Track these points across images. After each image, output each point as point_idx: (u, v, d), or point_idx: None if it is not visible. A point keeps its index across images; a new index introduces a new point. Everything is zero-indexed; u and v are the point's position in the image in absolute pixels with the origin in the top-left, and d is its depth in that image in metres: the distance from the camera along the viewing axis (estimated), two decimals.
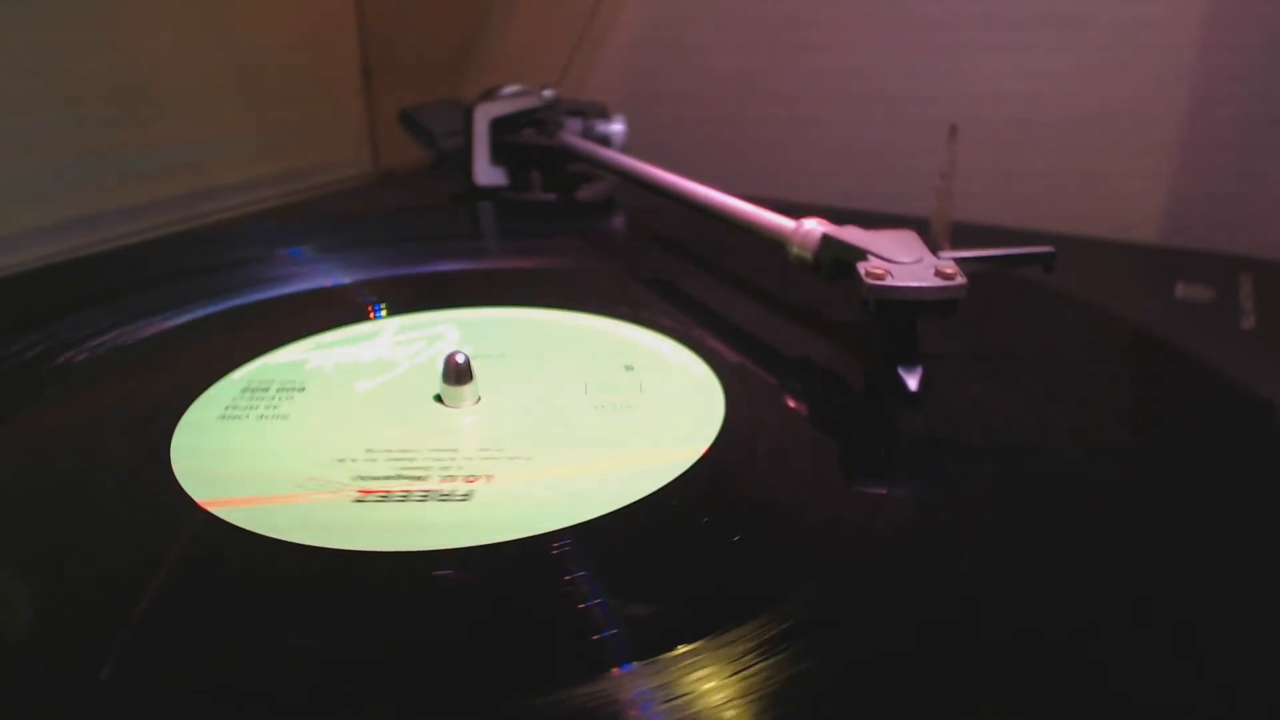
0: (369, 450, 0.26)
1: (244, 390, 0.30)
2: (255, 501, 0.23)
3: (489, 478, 0.25)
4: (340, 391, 0.30)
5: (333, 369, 0.31)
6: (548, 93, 0.55)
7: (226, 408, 0.28)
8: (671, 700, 0.17)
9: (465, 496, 0.24)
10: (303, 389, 0.30)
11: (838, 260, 0.31)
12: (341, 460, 0.26)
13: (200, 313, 0.36)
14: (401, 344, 0.33)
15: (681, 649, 0.18)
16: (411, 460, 0.25)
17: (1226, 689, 0.17)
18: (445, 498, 0.24)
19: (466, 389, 0.29)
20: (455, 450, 0.26)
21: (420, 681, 0.18)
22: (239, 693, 0.17)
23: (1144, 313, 0.37)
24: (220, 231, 0.53)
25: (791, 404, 0.30)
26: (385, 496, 0.24)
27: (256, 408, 0.28)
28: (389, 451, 0.26)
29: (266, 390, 0.29)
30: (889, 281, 0.28)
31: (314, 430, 0.27)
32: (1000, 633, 0.19)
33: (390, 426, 0.28)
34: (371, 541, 0.22)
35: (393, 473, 0.25)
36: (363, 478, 0.25)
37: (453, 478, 0.25)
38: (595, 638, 0.18)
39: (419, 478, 0.25)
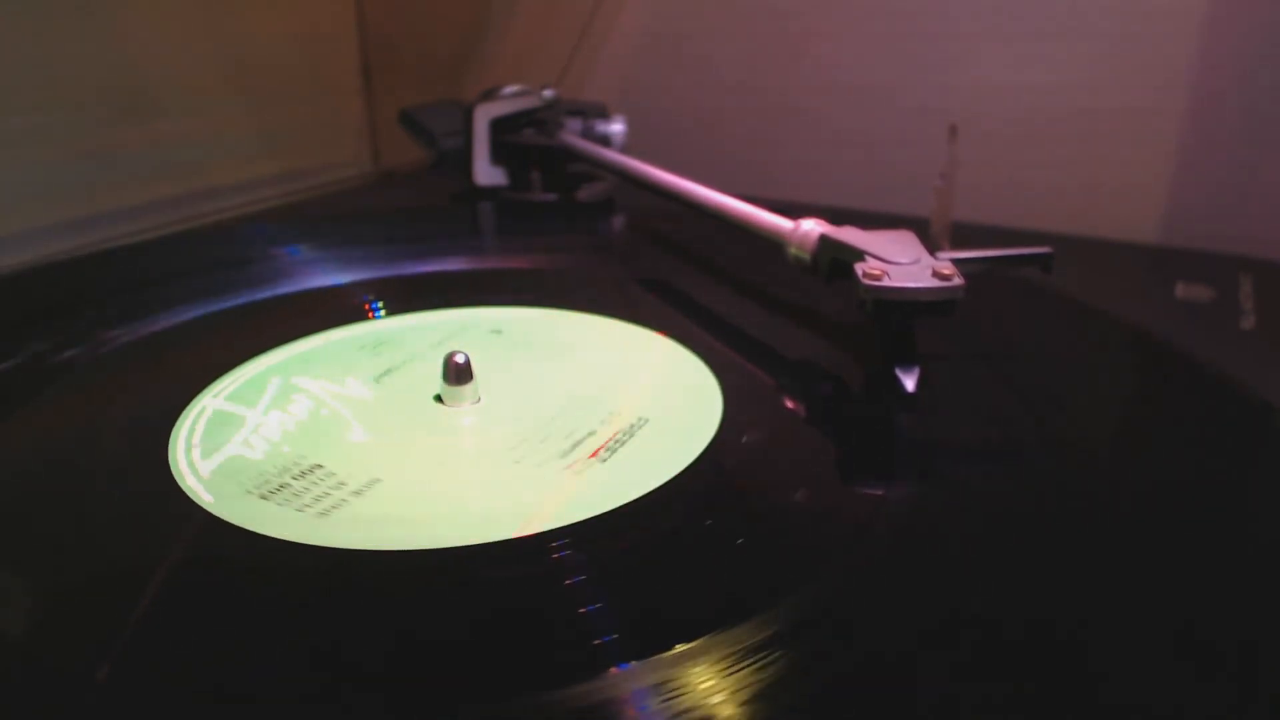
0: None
1: (285, 475, 0.25)
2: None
3: (571, 452, 0.26)
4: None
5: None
6: (548, 93, 0.55)
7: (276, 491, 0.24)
8: (670, 700, 0.17)
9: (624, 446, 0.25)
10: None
11: (836, 261, 0.31)
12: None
13: (200, 313, 0.36)
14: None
15: (680, 648, 0.18)
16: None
17: (1227, 689, 0.17)
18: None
19: (466, 389, 0.29)
20: (505, 440, 0.27)
21: (420, 681, 0.18)
22: (239, 693, 0.17)
23: (1144, 313, 0.37)
24: (220, 231, 0.53)
25: (789, 404, 0.30)
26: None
27: (302, 496, 0.24)
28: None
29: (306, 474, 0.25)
30: (886, 282, 0.28)
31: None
32: (999, 632, 0.19)
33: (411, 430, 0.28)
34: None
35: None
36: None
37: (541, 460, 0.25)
38: (595, 639, 0.19)
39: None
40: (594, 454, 0.26)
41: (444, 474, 0.25)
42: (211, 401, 0.29)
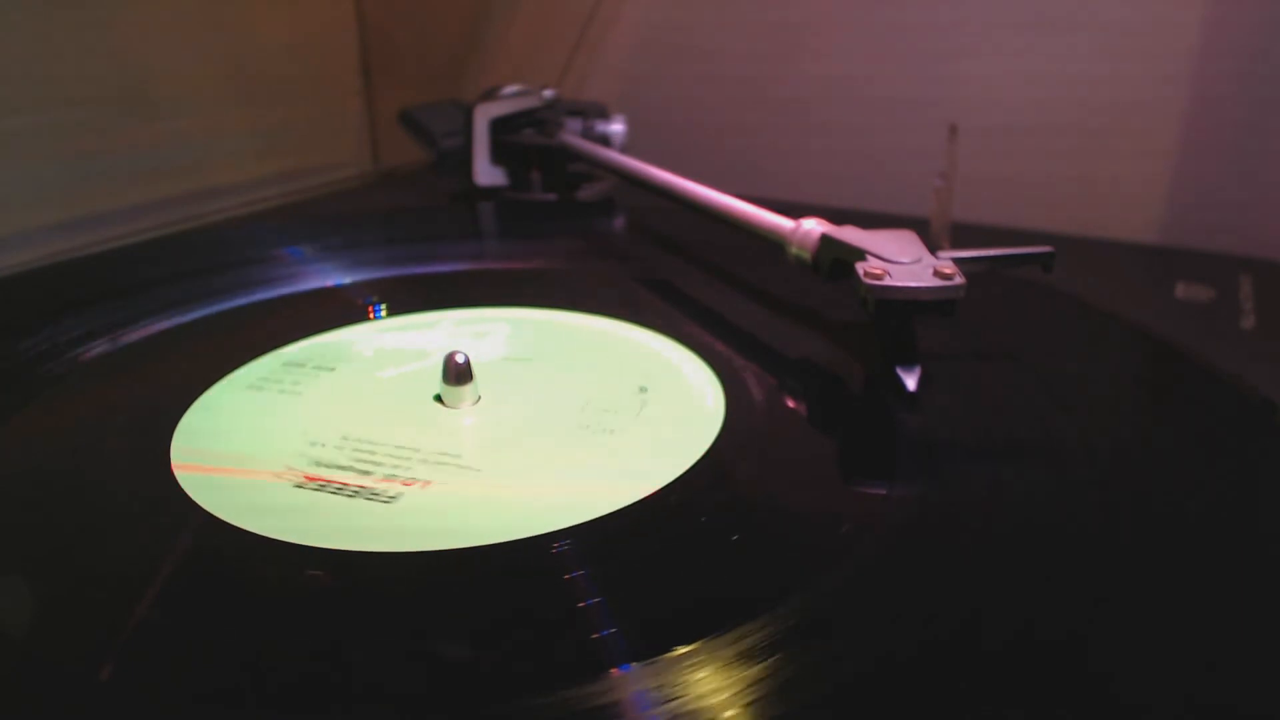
0: (344, 438, 0.27)
1: (285, 364, 0.31)
2: (211, 470, 0.24)
3: (425, 483, 0.24)
4: (360, 377, 0.31)
5: (372, 353, 0.32)
6: (548, 93, 0.55)
7: (260, 378, 0.30)
8: (670, 701, 0.17)
9: (391, 499, 0.24)
10: (333, 369, 0.31)
11: (837, 260, 0.31)
12: (314, 444, 0.26)
13: (200, 313, 0.36)
14: (452, 337, 0.34)
15: (680, 649, 0.18)
16: (371, 454, 0.26)
17: (1227, 688, 0.17)
18: (373, 497, 0.24)
19: (466, 389, 0.29)
20: (416, 450, 0.26)
21: (420, 681, 0.18)
22: (239, 693, 0.17)
23: (1144, 313, 0.37)
24: (220, 231, 0.53)
25: (791, 404, 0.30)
26: (323, 486, 0.24)
27: (282, 382, 0.29)
28: (359, 441, 0.26)
29: (303, 366, 0.30)
30: (887, 282, 0.28)
31: (312, 410, 0.28)
32: (999, 633, 0.19)
33: (380, 419, 0.28)
34: (283, 529, 0.22)
35: (347, 463, 0.25)
36: (319, 464, 0.25)
37: (394, 478, 0.25)
38: (594, 638, 0.18)
39: (366, 472, 0.25)
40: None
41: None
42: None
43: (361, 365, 0.31)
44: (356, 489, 0.24)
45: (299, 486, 0.24)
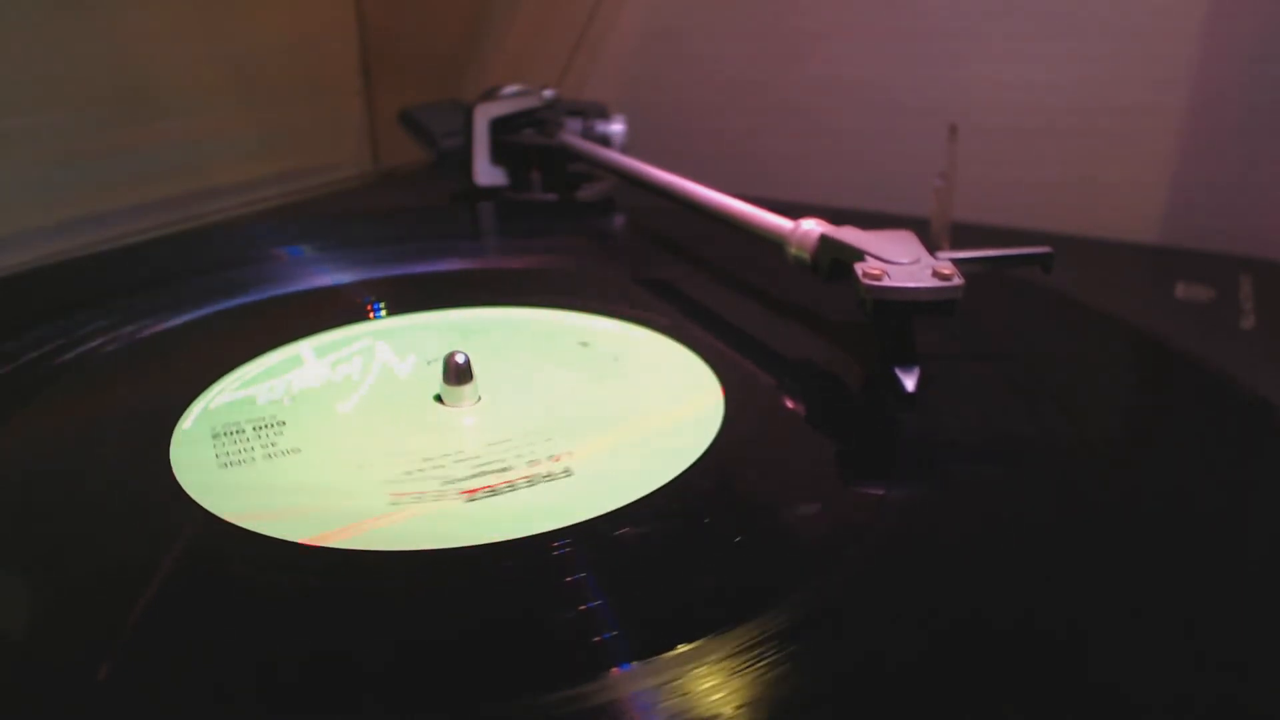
0: (426, 459, 0.26)
1: (216, 437, 0.27)
2: (361, 528, 0.22)
3: (570, 453, 0.26)
4: (326, 416, 0.28)
5: (291, 400, 0.29)
6: (548, 93, 0.55)
7: (218, 457, 0.26)
8: (670, 700, 0.17)
9: (566, 472, 0.24)
10: (283, 423, 0.28)
11: (836, 261, 0.31)
12: (409, 473, 0.25)
13: (200, 313, 0.36)
14: (339, 363, 0.32)
15: (681, 649, 0.18)
16: (477, 457, 0.26)
17: (1226, 688, 0.17)
18: (549, 478, 0.24)
19: (466, 389, 0.29)
20: (509, 440, 0.27)
21: (420, 682, 0.18)
22: (239, 693, 0.17)
23: (1144, 313, 0.37)
24: (220, 231, 0.53)
25: (790, 404, 0.30)
26: (492, 491, 0.24)
27: (252, 450, 0.26)
28: (447, 455, 0.26)
29: (243, 433, 0.27)
30: (886, 282, 0.28)
31: (343, 455, 0.26)
32: (1000, 632, 0.19)
33: (414, 434, 0.27)
34: (502, 531, 0.22)
35: (473, 471, 0.25)
36: (449, 482, 0.25)
37: (536, 461, 0.25)
38: (595, 638, 0.19)
39: (506, 468, 0.25)
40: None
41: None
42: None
43: (306, 409, 0.29)
44: (527, 479, 0.24)
45: (472, 501, 0.24)
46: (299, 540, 0.22)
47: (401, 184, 0.65)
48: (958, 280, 0.28)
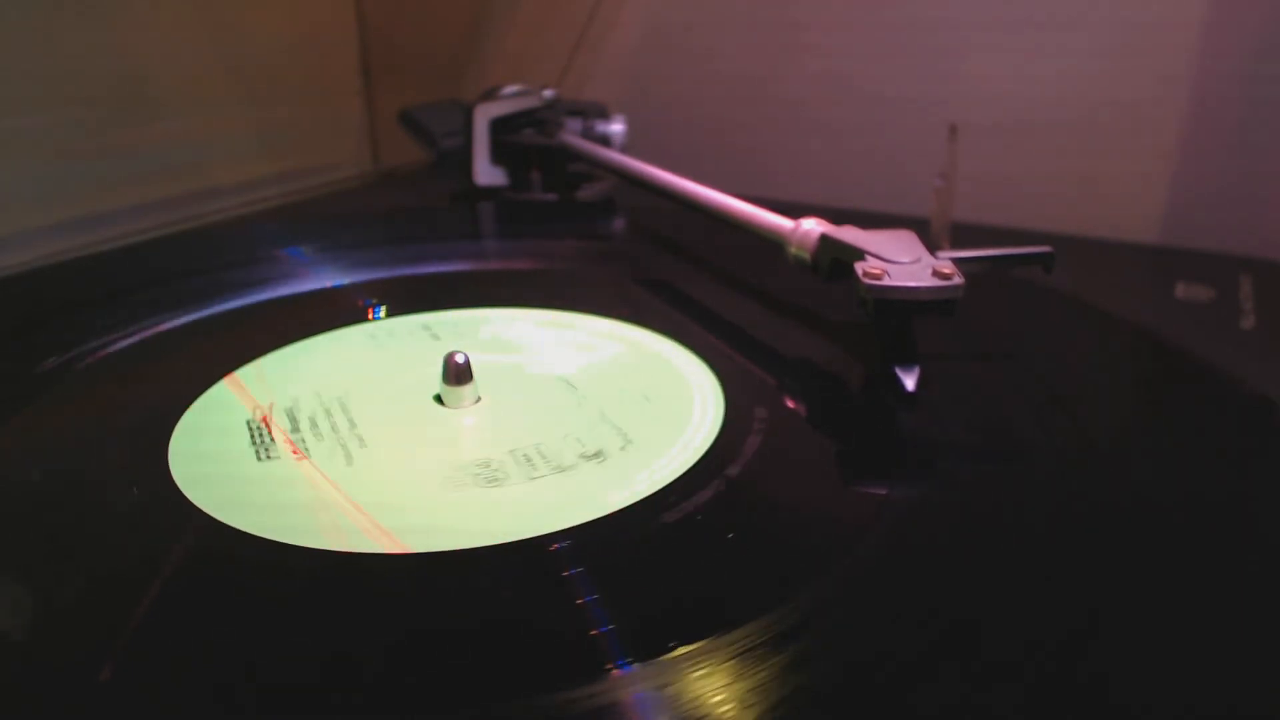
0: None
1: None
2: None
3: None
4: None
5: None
6: (548, 93, 0.55)
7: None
8: (670, 700, 0.17)
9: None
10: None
11: (836, 260, 0.31)
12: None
13: (200, 313, 0.36)
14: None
15: (681, 650, 0.18)
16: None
17: (1226, 689, 0.17)
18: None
19: (466, 389, 0.29)
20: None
21: (420, 682, 0.18)
22: (239, 693, 0.17)
23: (1144, 313, 0.37)
24: (220, 231, 0.53)
25: (790, 404, 0.30)
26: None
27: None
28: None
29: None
30: (886, 282, 0.28)
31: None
32: (1000, 633, 0.19)
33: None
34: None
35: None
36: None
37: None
38: (594, 638, 0.19)
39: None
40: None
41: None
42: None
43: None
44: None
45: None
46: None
47: (401, 184, 0.65)
48: (958, 280, 0.28)
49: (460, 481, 0.24)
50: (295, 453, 0.26)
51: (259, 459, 0.26)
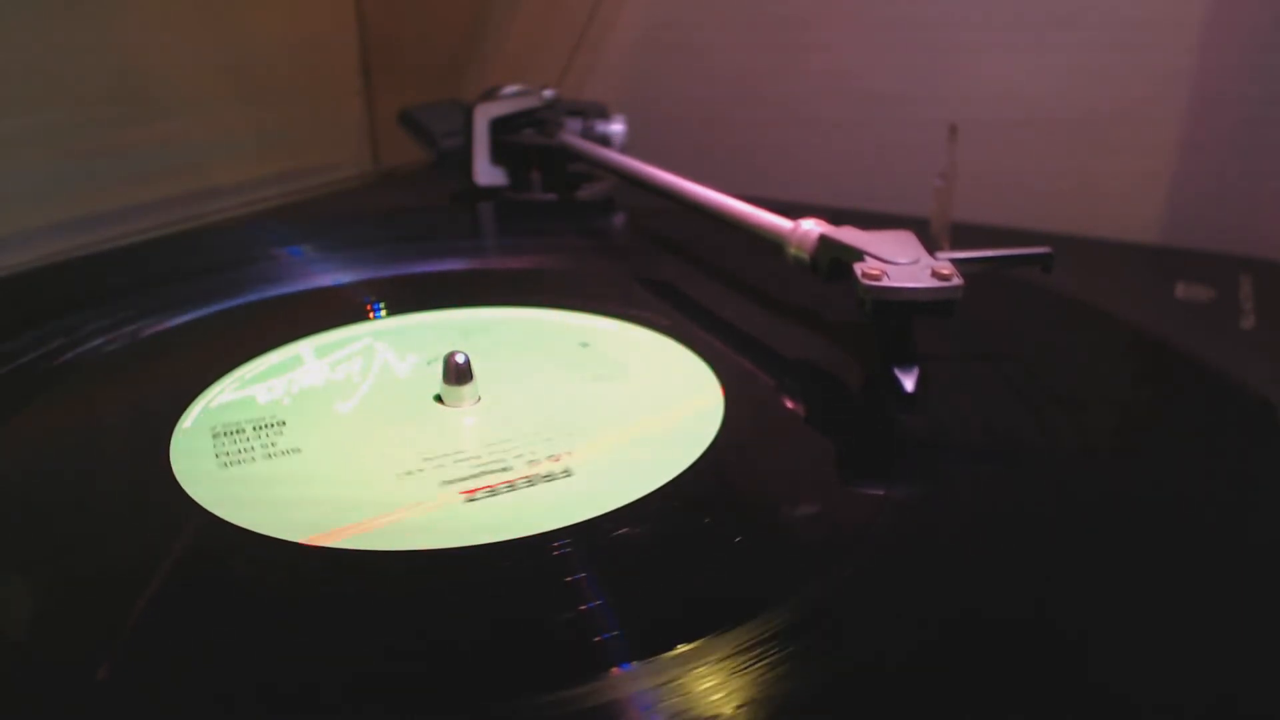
0: (426, 459, 0.26)
1: (216, 436, 0.27)
2: (363, 527, 0.22)
3: (570, 453, 0.26)
4: (326, 416, 0.28)
5: (291, 400, 0.29)
6: (548, 93, 0.55)
7: (218, 456, 0.26)
8: (671, 700, 0.17)
9: (566, 472, 0.25)
10: (283, 423, 0.28)
11: (835, 261, 0.31)
12: (409, 473, 0.25)
13: (200, 313, 0.36)
14: (339, 363, 0.32)
15: (681, 649, 0.18)
16: (477, 457, 0.26)
17: (1226, 689, 0.17)
18: (549, 478, 0.24)
19: (466, 389, 0.29)
20: (509, 440, 0.26)
21: (419, 682, 0.18)
22: (239, 693, 0.17)
23: (1144, 313, 0.37)
24: (220, 231, 0.53)
25: (789, 404, 0.30)
26: (492, 491, 0.24)
27: (252, 450, 0.26)
28: (447, 455, 0.26)
29: (243, 433, 0.27)
30: (885, 282, 0.28)
31: (343, 455, 0.26)
32: (999, 632, 0.19)
33: (414, 434, 0.27)
34: (502, 531, 0.22)
35: (472, 471, 0.25)
36: (448, 482, 0.24)
37: (536, 461, 0.25)
38: (595, 638, 0.19)
39: (507, 468, 0.25)
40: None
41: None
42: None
43: (307, 409, 0.29)
44: (527, 479, 0.24)
45: (471, 501, 0.24)
46: (299, 540, 0.22)
47: (401, 184, 0.65)
48: (957, 280, 0.28)
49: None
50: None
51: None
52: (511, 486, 0.24)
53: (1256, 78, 0.48)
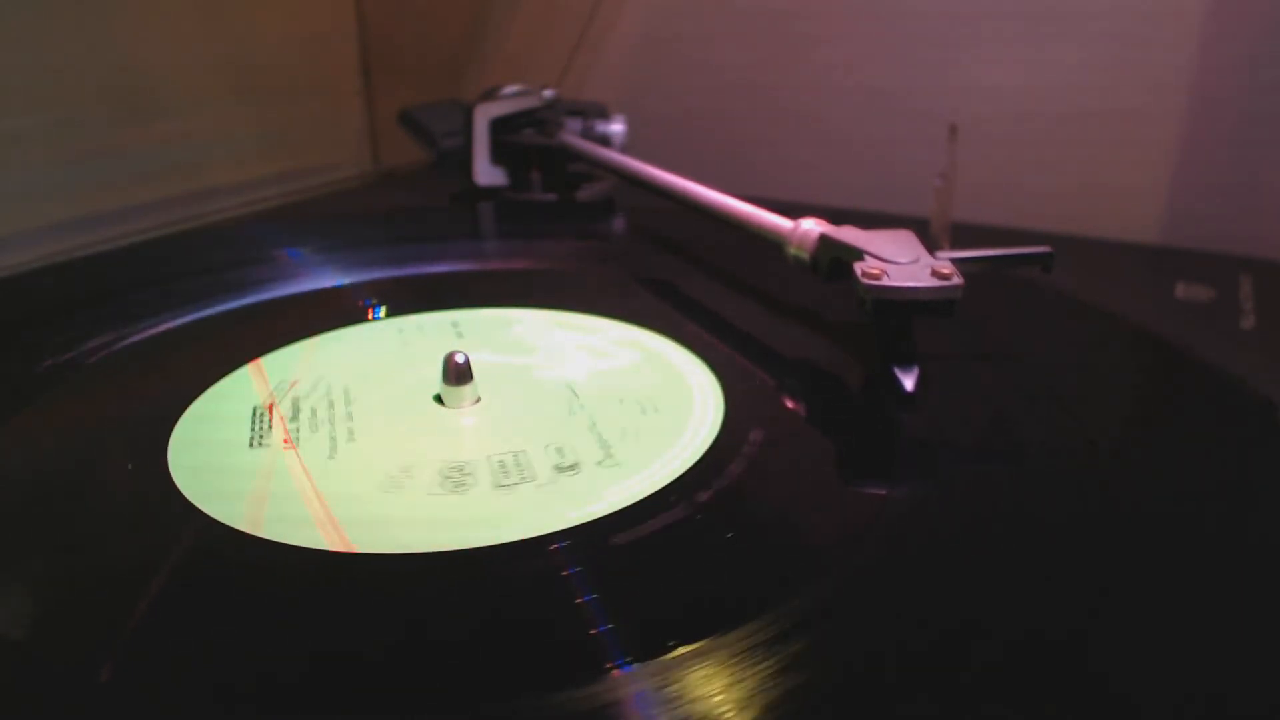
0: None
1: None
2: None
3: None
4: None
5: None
6: (548, 93, 0.55)
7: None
8: (671, 700, 0.17)
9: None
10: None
11: (835, 260, 0.31)
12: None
13: (200, 313, 0.36)
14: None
15: (681, 650, 0.18)
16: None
17: (1227, 689, 0.17)
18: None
19: (466, 389, 0.29)
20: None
21: (420, 682, 0.18)
22: (239, 693, 0.17)
23: (1144, 313, 0.37)
24: (220, 231, 0.53)
25: (790, 404, 0.30)
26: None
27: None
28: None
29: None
30: (885, 282, 0.28)
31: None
32: (1000, 633, 0.19)
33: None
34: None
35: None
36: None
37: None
38: (594, 637, 0.19)
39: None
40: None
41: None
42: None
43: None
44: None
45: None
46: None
47: (401, 184, 0.65)
48: (957, 280, 0.28)
49: (458, 481, 0.24)
50: (286, 442, 0.26)
51: (257, 458, 0.26)
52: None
53: (1256, 78, 0.48)
